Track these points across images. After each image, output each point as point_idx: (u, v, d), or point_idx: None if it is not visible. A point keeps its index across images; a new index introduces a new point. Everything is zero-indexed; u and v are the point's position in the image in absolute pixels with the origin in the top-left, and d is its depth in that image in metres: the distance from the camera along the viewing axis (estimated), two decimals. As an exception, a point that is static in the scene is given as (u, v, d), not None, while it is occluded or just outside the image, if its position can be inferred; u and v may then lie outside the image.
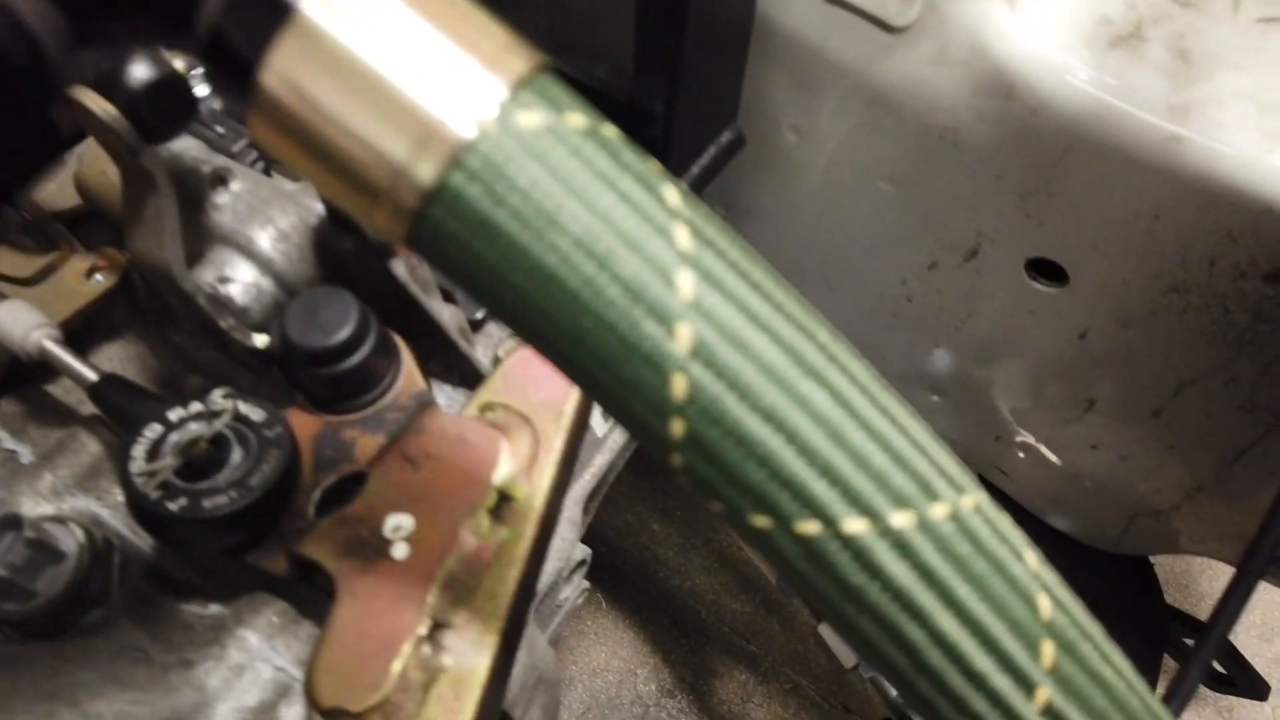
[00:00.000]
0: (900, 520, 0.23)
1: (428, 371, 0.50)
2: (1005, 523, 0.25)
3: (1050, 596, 0.25)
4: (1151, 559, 0.86)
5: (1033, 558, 0.26)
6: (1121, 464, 0.70)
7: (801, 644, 1.23)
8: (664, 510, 1.36)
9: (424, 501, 0.38)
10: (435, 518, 0.38)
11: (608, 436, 0.69)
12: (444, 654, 0.36)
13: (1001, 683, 0.24)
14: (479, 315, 0.51)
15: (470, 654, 0.36)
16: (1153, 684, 0.76)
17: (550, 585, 0.65)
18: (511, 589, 0.37)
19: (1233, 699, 1.21)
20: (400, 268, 0.44)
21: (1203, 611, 1.29)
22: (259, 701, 0.41)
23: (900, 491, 0.23)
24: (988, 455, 0.80)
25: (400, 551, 0.37)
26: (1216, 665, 0.82)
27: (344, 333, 0.41)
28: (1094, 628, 0.27)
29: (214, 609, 0.43)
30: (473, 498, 0.38)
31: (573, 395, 0.41)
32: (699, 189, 0.57)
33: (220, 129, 0.51)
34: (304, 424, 0.43)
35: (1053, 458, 0.74)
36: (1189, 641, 0.82)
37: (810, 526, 0.23)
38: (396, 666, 0.35)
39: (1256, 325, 0.55)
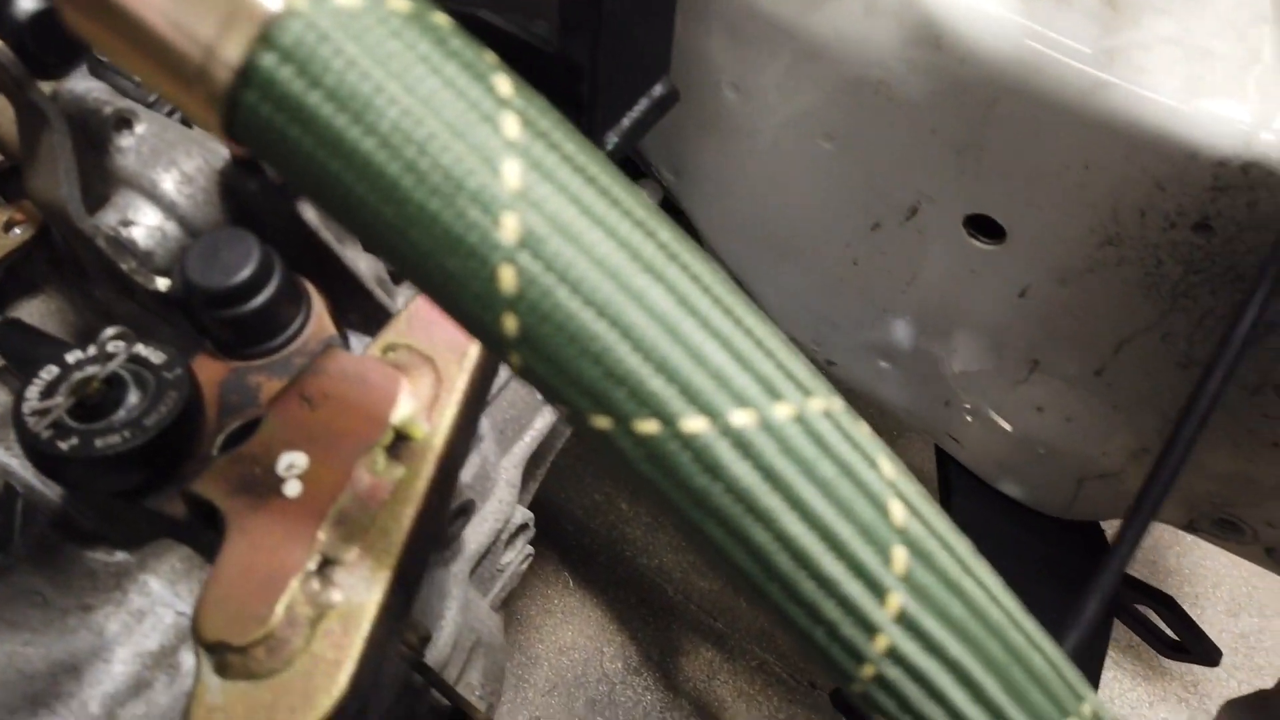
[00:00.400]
0: (741, 419, 0.23)
1: (347, 323, 0.50)
2: (860, 431, 0.25)
3: (905, 504, 0.25)
4: (1105, 526, 0.86)
5: (888, 466, 0.25)
6: (1067, 426, 0.70)
7: (768, 622, 1.23)
8: (632, 489, 1.36)
9: (319, 440, 0.38)
10: (330, 456, 0.37)
11: (549, 399, 0.68)
12: (333, 590, 0.35)
13: (853, 588, 0.24)
14: (399, 266, 0.50)
15: (360, 590, 0.35)
16: (1103, 646, 0.76)
17: (488, 547, 0.64)
18: (406, 527, 0.37)
19: (1198, 673, 1.21)
20: (310, 211, 0.44)
21: (1171, 587, 1.29)
22: (160, 646, 0.40)
23: (740, 391, 0.23)
24: (939, 422, 0.79)
25: (293, 489, 0.37)
26: (1168, 631, 0.82)
27: (245, 273, 0.40)
28: (958, 542, 0.27)
29: (119, 556, 0.43)
30: (369, 436, 0.38)
31: (477, 336, 0.40)
32: (633, 141, 0.57)
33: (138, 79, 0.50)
34: (210, 370, 0.43)
35: (1000, 422, 0.74)
36: (1140, 607, 0.82)
37: (649, 425, 0.23)
38: (283, 602, 0.34)
39: (1189, 277, 0.55)
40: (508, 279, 0.22)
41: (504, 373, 0.65)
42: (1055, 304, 0.62)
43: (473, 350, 0.41)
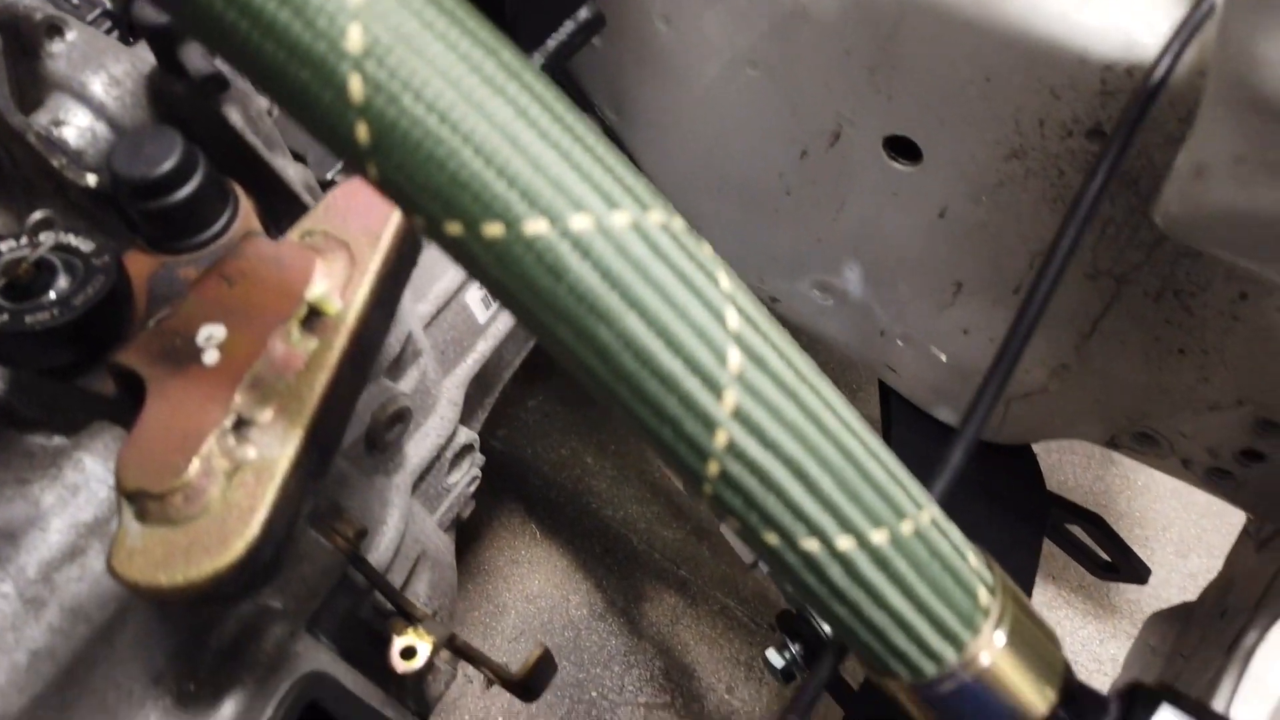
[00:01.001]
0: (579, 223, 0.25)
1: (280, 229, 0.52)
2: (701, 250, 0.28)
3: (741, 314, 0.27)
4: (1049, 474, 0.89)
5: (727, 282, 0.28)
6: (992, 347, 0.73)
7: (730, 568, 1.26)
8: (598, 444, 1.38)
9: (237, 314, 0.40)
10: (247, 328, 0.40)
11: (490, 324, 0.71)
12: (248, 446, 0.38)
13: (691, 384, 0.27)
14: (329, 175, 0.52)
15: (274, 447, 0.38)
16: (1033, 564, 0.79)
17: (432, 463, 0.67)
18: (319, 391, 0.39)
19: (1147, 610, 1.25)
20: (235, 114, 0.46)
21: (1122, 529, 1.33)
22: (94, 517, 0.43)
23: (579, 197, 0.25)
24: (877, 352, 0.82)
25: (211, 357, 0.39)
26: (1099, 551, 0.85)
27: (168, 164, 0.43)
28: (796, 355, 0.29)
29: (57, 440, 0.45)
30: (284, 311, 0.40)
31: (391, 222, 0.43)
32: (559, 63, 0.59)
33: (74, 0, 0.52)
34: (140, 264, 0.45)
35: (931, 347, 0.77)
36: (1070, 527, 0.85)
37: (495, 229, 0.25)
38: (200, 454, 0.37)
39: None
40: (356, 87, 0.24)
41: (443, 295, 0.67)
42: (972, 222, 0.65)
43: (386, 234, 0.43)
